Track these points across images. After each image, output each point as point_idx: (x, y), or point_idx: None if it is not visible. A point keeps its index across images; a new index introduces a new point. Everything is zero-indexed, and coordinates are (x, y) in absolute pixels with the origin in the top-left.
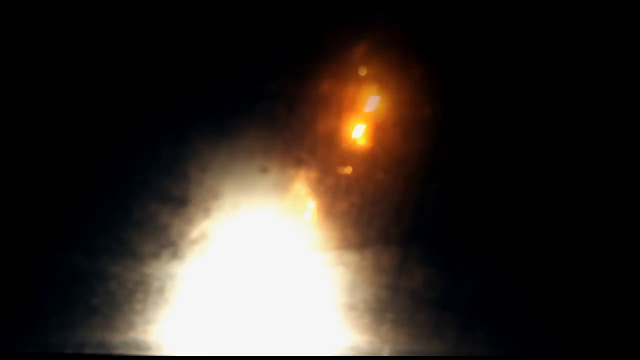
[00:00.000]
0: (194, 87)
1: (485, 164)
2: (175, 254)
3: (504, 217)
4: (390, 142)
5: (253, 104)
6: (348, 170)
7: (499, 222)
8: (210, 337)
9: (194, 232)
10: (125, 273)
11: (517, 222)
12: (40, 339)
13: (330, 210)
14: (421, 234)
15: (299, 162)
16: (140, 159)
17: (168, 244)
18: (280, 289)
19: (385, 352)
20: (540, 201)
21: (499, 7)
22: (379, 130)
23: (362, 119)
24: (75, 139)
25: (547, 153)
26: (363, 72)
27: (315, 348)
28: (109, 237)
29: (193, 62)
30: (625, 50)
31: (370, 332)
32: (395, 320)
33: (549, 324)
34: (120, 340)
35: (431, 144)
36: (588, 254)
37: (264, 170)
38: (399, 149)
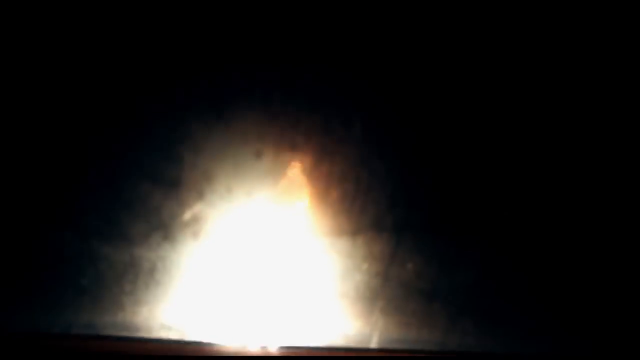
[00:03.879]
0: (188, 69)
1: (478, 154)
2: (167, 237)
3: (497, 207)
4: (385, 129)
5: (248, 88)
6: (342, 157)
7: (492, 212)
8: (199, 321)
9: (186, 215)
10: (115, 254)
11: (510, 212)
12: (28, 319)
13: (323, 196)
14: (414, 223)
15: (293, 148)
16: (132, 140)
17: (159, 226)
18: (270, 275)
19: (374, 341)
20: (535, 192)
21: None
22: (373, 118)
23: (358, 105)
24: (65, 120)
25: (543, 144)
26: (359, 60)
27: (304, 336)
28: (98, 218)
29: (187, 44)
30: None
31: (359, 320)
32: (385, 308)
33: (540, 317)
34: (109, 321)
35: (425, 132)
36: (583, 246)
37: (258, 154)
38: (394, 137)
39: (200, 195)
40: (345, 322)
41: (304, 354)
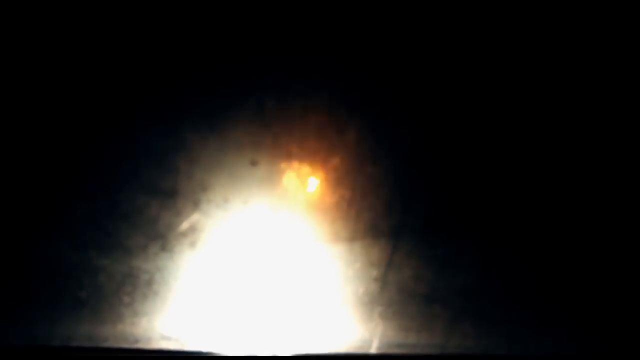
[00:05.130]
0: (183, 79)
1: (475, 157)
2: (164, 247)
3: (494, 210)
4: (381, 135)
5: (242, 96)
6: (337, 163)
7: (489, 215)
8: (198, 331)
9: (183, 225)
10: (113, 266)
11: (507, 215)
12: (28, 332)
13: (319, 203)
14: (410, 227)
15: (288, 155)
16: (128, 151)
17: (156, 236)
18: (268, 283)
19: (374, 346)
20: (532, 194)
21: None
22: (369, 123)
23: (352, 112)
24: (61, 131)
25: (541, 144)
26: (354, 66)
27: (303, 343)
28: (96, 230)
29: (182, 54)
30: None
31: (359, 325)
32: (384, 313)
33: (539, 319)
34: (108, 332)
35: (421, 137)
36: (579, 248)
37: (253, 163)
38: (390, 142)
39: (196, 205)
40: (345, 327)
41: None
